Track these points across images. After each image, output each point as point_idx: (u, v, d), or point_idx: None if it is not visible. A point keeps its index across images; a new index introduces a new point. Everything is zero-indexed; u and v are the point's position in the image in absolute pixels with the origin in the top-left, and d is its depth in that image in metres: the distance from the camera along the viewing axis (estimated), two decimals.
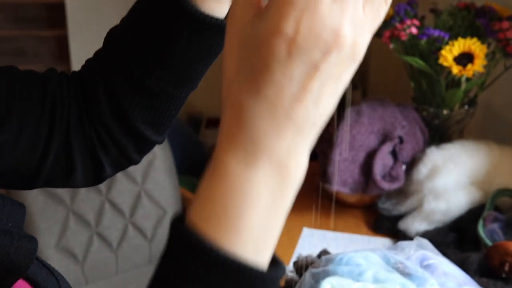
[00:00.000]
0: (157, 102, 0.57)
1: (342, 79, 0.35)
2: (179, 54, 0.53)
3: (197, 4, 0.51)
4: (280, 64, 0.33)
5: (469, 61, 1.10)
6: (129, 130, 0.57)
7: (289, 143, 0.35)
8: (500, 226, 1.04)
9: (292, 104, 0.34)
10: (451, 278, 0.86)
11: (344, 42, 0.33)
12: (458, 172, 1.12)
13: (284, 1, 0.33)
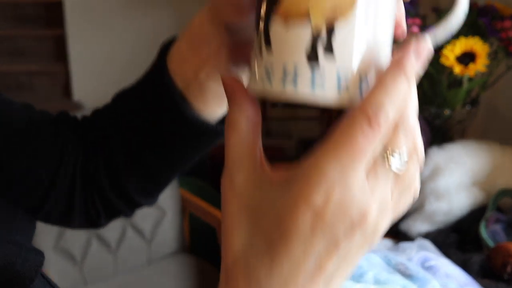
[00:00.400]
0: (153, 179, 0.57)
1: (355, 260, 0.33)
2: (176, 150, 0.54)
3: (197, 109, 0.51)
4: (302, 239, 0.31)
5: (471, 60, 1.10)
6: (123, 198, 0.58)
7: None
8: (502, 227, 1.03)
9: (305, 282, 0.32)
10: (452, 279, 0.85)
11: (369, 223, 0.31)
12: (460, 172, 1.11)
13: (316, 170, 0.31)
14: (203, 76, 0.48)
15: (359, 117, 0.31)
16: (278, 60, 0.34)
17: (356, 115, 0.31)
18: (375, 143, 0.31)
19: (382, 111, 0.31)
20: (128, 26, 2.70)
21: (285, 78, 0.33)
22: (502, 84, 1.24)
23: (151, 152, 0.54)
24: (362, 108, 0.31)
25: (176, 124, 0.51)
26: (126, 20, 2.69)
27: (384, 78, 0.32)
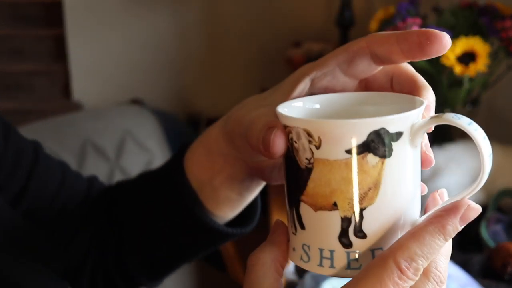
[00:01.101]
0: (159, 268, 0.59)
1: None
2: (184, 245, 0.55)
3: (209, 210, 0.52)
4: None
5: (472, 60, 1.09)
6: (127, 280, 0.60)
7: None
8: (503, 227, 1.03)
9: None
10: (453, 279, 0.85)
11: None
12: (460, 172, 1.11)
13: None
14: (217, 183, 0.49)
15: (391, 266, 0.33)
16: (314, 243, 0.36)
17: (388, 262, 0.33)
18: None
19: (413, 264, 0.33)
20: (128, 26, 2.70)
21: (322, 260, 0.36)
22: (503, 84, 1.23)
23: (161, 244, 0.55)
24: (396, 257, 0.33)
25: (187, 222, 0.52)
26: (126, 20, 2.69)
27: (421, 233, 0.33)
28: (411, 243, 0.33)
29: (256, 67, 2.66)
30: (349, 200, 0.34)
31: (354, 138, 0.33)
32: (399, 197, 0.35)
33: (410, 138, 0.35)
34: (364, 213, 0.34)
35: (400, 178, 0.35)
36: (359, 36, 0.41)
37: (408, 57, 0.38)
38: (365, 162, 0.34)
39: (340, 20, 1.66)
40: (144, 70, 2.72)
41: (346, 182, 0.34)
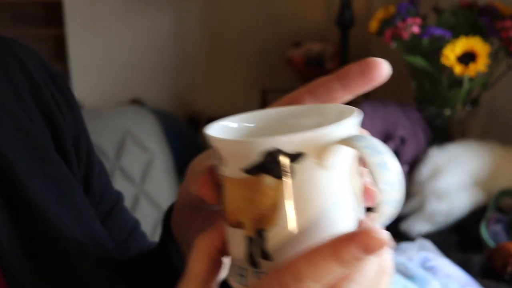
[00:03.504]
0: None
1: None
2: None
3: None
4: None
5: (472, 60, 1.09)
6: None
7: None
8: (503, 227, 1.03)
9: None
10: (453, 279, 0.85)
11: None
12: (460, 172, 1.11)
13: None
14: (190, 237, 0.48)
15: (273, 284, 0.31)
16: (232, 258, 0.36)
17: (272, 281, 0.32)
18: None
19: (299, 284, 0.31)
20: (128, 26, 2.70)
21: (240, 276, 0.35)
22: (503, 84, 1.23)
23: None
24: (280, 275, 0.32)
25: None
26: (126, 20, 2.69)
27: (314, 253, 0.31)
28: (300, 262, 0.31)
29: (256, 67, 2.66)
30: (249, 220, 0.33)
31: (249, 158, 0.32)
32: (307, 220, 0.33)
33: (318, 160, 0.32)
34: (265, 234, 0.33)
35: (307, 201, 0.33)
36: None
37: (349, 91, 0.38)
38: (261, 182, 0.32)
39: (340, 20, 1.66)
40: (144, 70, 2.72)
41: (245, 202, 0.33)
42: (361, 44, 2.19)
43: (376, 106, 1.24)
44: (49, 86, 0.55)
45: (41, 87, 0.54)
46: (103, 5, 2.68)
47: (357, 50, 2.12)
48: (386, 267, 0.35)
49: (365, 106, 1.24)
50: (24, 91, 0.53)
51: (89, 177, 0.56)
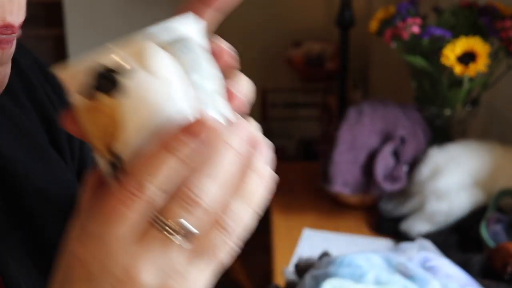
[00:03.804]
0: None
1: None
2: None
3: None
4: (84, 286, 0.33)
5: (472, 60, 1.09)
6: None
7: None
8: (503, 228, 1.03)
9: None
10: (453, 279, 0.85)
11: (142, 284, 0.32)
12: (460, 172, 1.11)
13: (78, 226, 0.34)
14: None
15: (122, 196, 0.32)
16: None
17: (120, 192, 0.32)
18: (134, 210, 0.32)
19: (134, 180, 0.32)
20: (128, 26, 2.70)
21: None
22: (503, 84, 1.23)
23: None
24: (124, 186, 0.32)
25: None
26: (126, 20, 2.69)
27: (146, 156, 0.32)
28: (137, 169, 0.32)
29: (256, 67, 2.66)
30: (102, 143, 0.34)
31: (81, 81, 0.33)
32: (150, 131, 0.33)
33: (145, 69, 0.32)
34: (117, 153, 0.33)
35: (146, 112, 0.32)
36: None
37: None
38: (98, 103, 0.33)
39: (340, 20, 1.66)
40: None
41: (93, 126, 0.33)
42: (361, 44, 2.19)
43: (376, 106, 1.24)
44: (44, 84, 0.55)
45: (36, 85, 0.54)
46: (103, 5, 2.68)
47: (357, 50, 2.12)
48: (258, 168, 0.35)
49: (365, 106, 1.24)
50: (19, 90, 0.53)
51: (83, 173, 0.57)
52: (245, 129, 0.34)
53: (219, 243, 0.33)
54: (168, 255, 0.32)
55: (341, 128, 1.20)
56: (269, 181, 0.36)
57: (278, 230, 1.19)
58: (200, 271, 0.33)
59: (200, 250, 0.33)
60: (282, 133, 2.67)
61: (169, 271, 0.33)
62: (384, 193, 1.19)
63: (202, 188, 0.32)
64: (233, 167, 0.33)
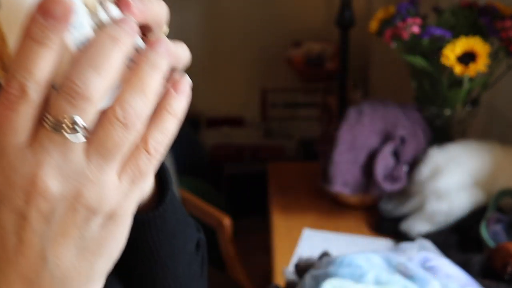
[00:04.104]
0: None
1: (84, 236, 0.32)
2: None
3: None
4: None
5: (472, 60, 1.09)
6: None
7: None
8: (503, 227, 1.03)
9: (17, 257, 0.32)
10: (453, 279, 0.85)
11: (47, 189, 0.31)
12: (460, 172, 1.11)
13: None
14: None
15: (3, 92, 0.31)
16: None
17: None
18: (21, 113, 0.30)
19: (18, 82, 0.30)
20: None
21: None
22: (503, 84, 1.23)
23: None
24: (5, 83, 0.31)
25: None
26: None
27: (17, 50, 0.30)
28: (13, 61, 0.30)
29: (256, 67, 2.66)
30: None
31: None
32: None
33: None
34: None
35: (22, 17, 0.31)
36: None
37: None
38: None
39: (340, 20, 1.66)
40: None
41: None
42: (361, 44, 2.19)
43: (376, 106, 1.24)
44: None
45: None
46: None
47: (357, 50, 2.12)
48: (151, 60, 0.32)
49: (365, 106, 1.24)
50: None
51: None
52: (129, 23, 0.32)
53: (119, 139, 0.31)
54: (67, 157, 0.31)
55: (341, 128, 1.20)
56: (162, 71, 0.33)
57: (278, 230, 1.19)
58: (108, 174, 0.32)
59: (102, 149, 0.31)
60: (282, 133, 2.67)
61: (74, 176, 0.31)
62: (384, 193, 1.19)
63: (85, 79, 0.30)
64: (117, 58, 0.31)
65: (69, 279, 0.33)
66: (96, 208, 0.32)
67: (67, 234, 0.32)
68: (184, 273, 0.55)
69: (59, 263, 0.32)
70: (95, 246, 0.33)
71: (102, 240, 0.33)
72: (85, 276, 0.33)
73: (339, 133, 1.20)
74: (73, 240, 0.32)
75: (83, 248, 0.33)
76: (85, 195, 0.31)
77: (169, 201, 0.51)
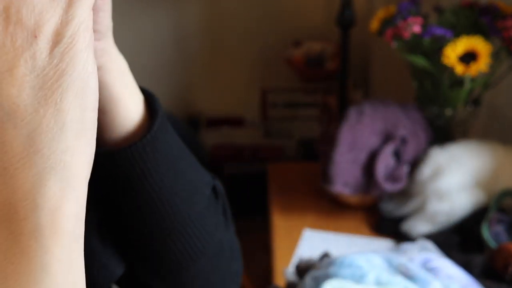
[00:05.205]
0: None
1: (34, 68, 0.29)
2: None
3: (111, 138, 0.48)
4: None
5: (473, 60, 1.09)
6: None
7: None
8: (505, 228, 1.02)
9: None
10: (454, 280, 0.84)
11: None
12: (462, 172, 1.11)
13: None
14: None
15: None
16: None
17: None
18: None
19: None
20: (127, 26, 2.69)
21: None
22: (504, 84, 1.23)
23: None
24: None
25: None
26: (126, 20, 2.69)
27: None
28: None
29: (256, 67, 2.66)
30: None
31: None
32: None
33: None
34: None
35: None
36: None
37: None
38: None
39: (340, 20, 1.65)
40: (144, 70, 2.71)
41: None
42: (361, 44, 2.19)
43: (377, 106, 1.23)
44: None
45: None
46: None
47: (357, 50, 2.12)
48: None
49: (365, 106, 1.23)
50: None
51: None
52: None
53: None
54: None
55: (341, 128, 1.20)
56: None
57: (278, 231, 1.18)
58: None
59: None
60: (282, 133, 2.67)
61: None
62: (384, 194, 1.18)
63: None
64: None
65: (36, 128, 0.28)
66: (35, 28, 0.28)
67: (14, 68, 0.28)
68: (202, 218, 0.51)
69: (17, 108, 0.28)
70: (52, 79, 0.29)
71: (58, 70, 0.29)
72: (55, 121, 0.29)
73: (339, 133, 1.19)
74: (23, 75, 0.28)
75: (39, 85, 0.28)
76: (15, 12, 0.28)
77: (160, 128, 0.48)
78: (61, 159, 0.29)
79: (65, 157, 0.29)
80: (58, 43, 0.29)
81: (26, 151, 0.28)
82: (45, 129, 0.28)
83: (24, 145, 0.28)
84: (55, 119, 0.29)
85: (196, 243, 0.51)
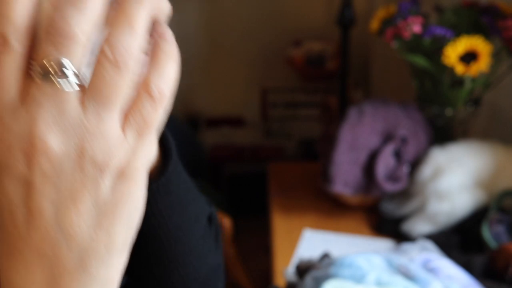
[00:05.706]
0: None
1: (96, 201, 0.30)
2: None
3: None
4: None
5: (474, 60, 1.09)
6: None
7: (43, 280, 0.30)
8: (505, 228, 1.02)
9: (29, 231, 0.29)
10: (455, 280, 0.84)
11: (46, 149, 0.28)
12: (462, 173, 1.10)
13: None
14: None
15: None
16: None
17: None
18: (6, 66, 0.28)
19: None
20: None
21: None
22: (505, 84, 1.23)
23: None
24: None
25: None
26: None
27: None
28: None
29: (256, 67, 2.66)
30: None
31: None
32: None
33: None
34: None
35: None
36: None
37: None
38: None
39: (340, 19, 1.65)
40: None
41: None
42: (362, 44, 2.19)
43: (377, 105, 1.23)
44: None
45: None
46: None
47: (358, 50, 2.12)
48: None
49: (366, 106, 1.23)
50: None
51: None
52: None
53: (113, 82, 0.28)
54: (62, 108, 0.28)
55: (341, 128, 1.20)
56: (148, 7, 0.30)
57: (278, 230, 1.18)
58: (108, 124, 0.29)
59: (97, 95, 0.28)
60: (282, 133, 2.67)
61: (72, 128, 0.28)
62: (385, 194, 1.18)
63: (66, 17, 0.28)
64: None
65: (88, 252, 0.30)
66: (103, 164, 0.29)
67: (77, 199, 0.29)
68: (198, 246, 0.53)
69: (74, 233, 0.29)
70: (109, 211, 0.30)
71: (117, 203, 0.30)
72: (105, 246, 0.31)
73: (339, 133, 1.19)
74: (85, 206, 0.29)
75: (97, 215, 0.30)
76: (88, 149, 0.29)
77: (173, 170, 0.49)
78: (104, 275, 0.31)
79: (107, 273, 0.31)
80: (122, 178, 0.30)
81: (75, 269, 0.30)
82: (95, 253, 0.31)
83: (74, 264, 0.30)
84: (106, 244, 0.31)
85: (192, 272, 0.53)
